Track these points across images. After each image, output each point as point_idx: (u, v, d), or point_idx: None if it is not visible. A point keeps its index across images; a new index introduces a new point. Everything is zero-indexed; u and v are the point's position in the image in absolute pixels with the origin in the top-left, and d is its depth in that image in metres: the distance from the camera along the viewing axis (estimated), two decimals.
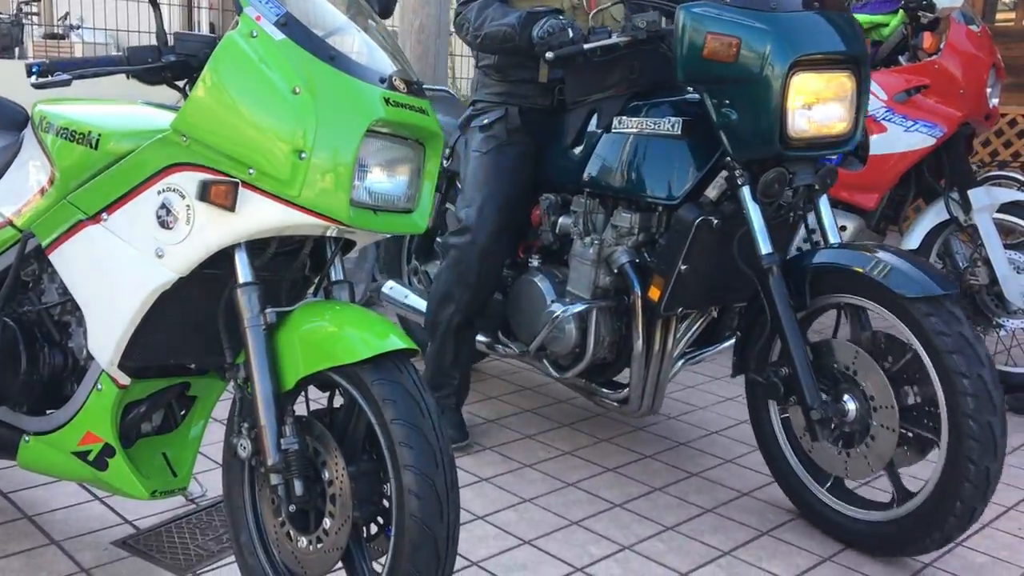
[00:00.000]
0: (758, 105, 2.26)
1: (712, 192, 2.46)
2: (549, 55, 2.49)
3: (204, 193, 1.64)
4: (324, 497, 1.71)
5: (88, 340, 1.87)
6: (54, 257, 1.91)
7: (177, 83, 1.82)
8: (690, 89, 2.53)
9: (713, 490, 2.77)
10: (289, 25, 1.63)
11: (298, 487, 1.69)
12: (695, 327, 2.75)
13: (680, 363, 2.79)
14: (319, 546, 1.74)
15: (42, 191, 1.97)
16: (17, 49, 9.82)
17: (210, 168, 1.66)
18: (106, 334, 1.81)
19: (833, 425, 2.35)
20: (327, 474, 1.71)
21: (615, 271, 2.62)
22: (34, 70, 1.71)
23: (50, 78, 1.71)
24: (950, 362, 2.13)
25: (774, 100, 2.24)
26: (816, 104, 2.29)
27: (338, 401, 1.78)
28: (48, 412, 2.05)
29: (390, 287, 3.51)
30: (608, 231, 2.63)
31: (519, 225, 2.88)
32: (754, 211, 2.40)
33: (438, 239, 3.31)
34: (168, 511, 2.42)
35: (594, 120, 2.71)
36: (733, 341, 2.70)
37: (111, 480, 1.94)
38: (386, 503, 1.71)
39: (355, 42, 1.78)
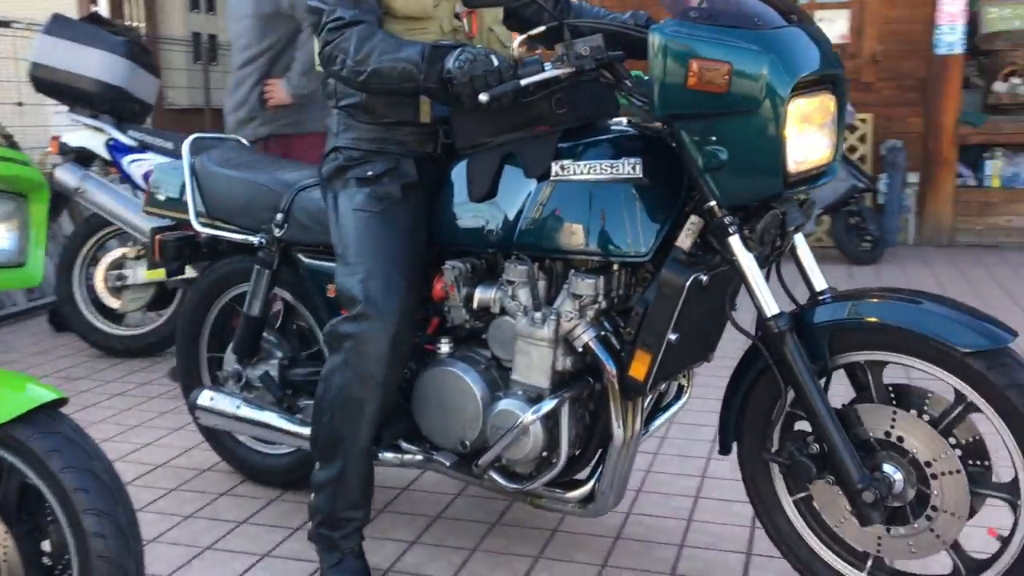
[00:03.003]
0: (758, 139, 1.89)
1: (685, 242, 2.04)
2: (484, 97, 1.97)
3: None
4: None
5: None
6: None
7: None
8: (623, 123, 2.17)
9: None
10: None
11: None
12: (651, 399, 2.32)
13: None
14: None
15: None
16: None
17: None
18: None
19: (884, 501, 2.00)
20: None
21: (579, 350, 2.13)
22: None
23: None
24: None
25: (777, 132, 1.87)
26: (807, 132, 1.94)
27: None
28: None
29: (210, 398, 2.73)
30: (565, 301, 2.13)
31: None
32: (750, 264, 2.00)
33: (265, 334, 2.75)
34: None
35: (511, 167, 2.18)
36: (675, 410, 2.45)
37: None
38: (47, 560, 1.67)
39: None
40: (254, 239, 2.65)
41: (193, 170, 2.78)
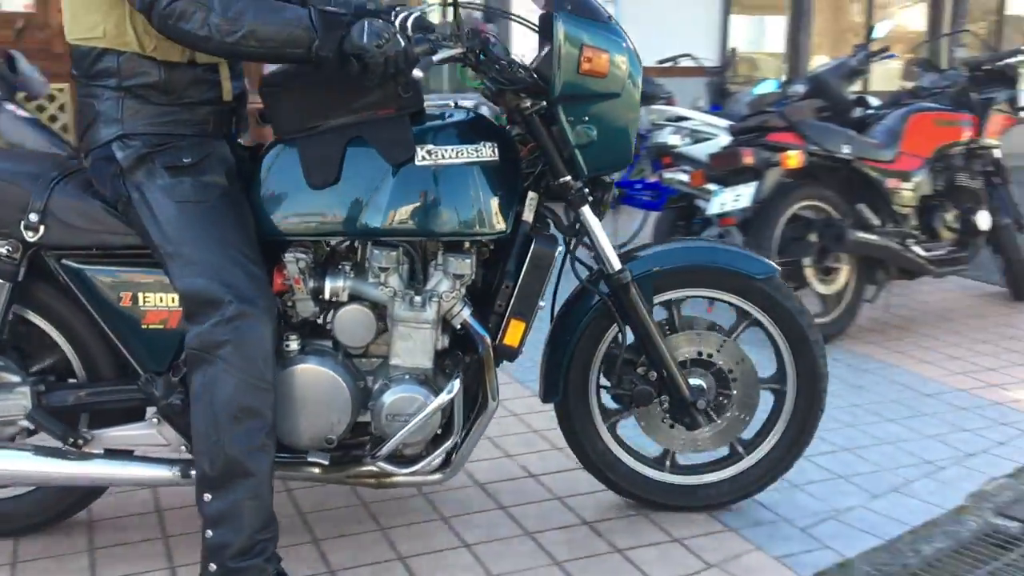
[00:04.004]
0: (622, 119, 2.19)
1: (529, 216, 2.25)
2: (419, 73, 1.97)
3: None
4: None
5: None
6: None
7: None
8: (452, 105, 2.29)
9: None
10: None
11: None
12: None
13: None
14: None
15: None
16: None
17: None
18: None
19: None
20: None
21: (457, 327, 2.22)
22: None
23: None
24: (802, 320, 2.45)
25: (633, 113, 2.21)
26: None
27: None
28: None
29: None
30: (442, 282, 2.18)
31: None
32: (599, 228, 2.30)
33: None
34: None
35: (357, 150, 2.11)
36: None
37: None
38: None
39: None
40: None
41: None
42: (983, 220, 4.43)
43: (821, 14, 10.24)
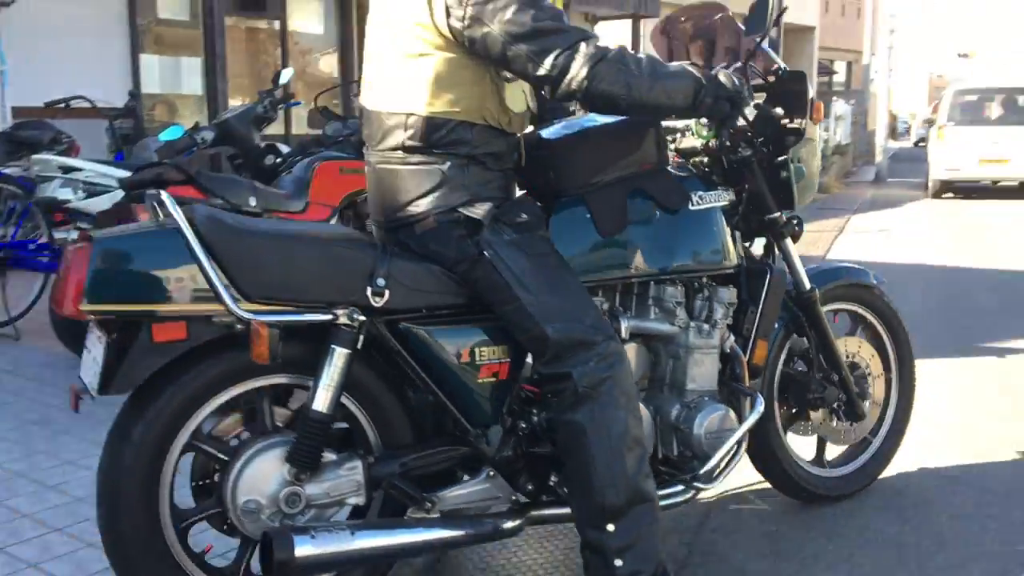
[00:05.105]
0: (817, 158, 2.66)
1: (741, 250, 2.57)
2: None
3: None
4: None
5: None
6: None
7: None
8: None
9: None
10: None
11: None
12: None
13: None
14: None
15: None
16: None
17: None
18: None
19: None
20: None
21: (727, 351, 2.49)
22: None
23: None
24: (900, 320, 3.01)
25: (819, 152, 2.66)
26: None
27: None
28: None
29: (312, 538, 1.99)
30: (717, 310, 2.46)
31: None
32: (796, 255, 2.71)
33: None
34: None
35: (639, 200, 2.36)
36: None
37: None
38: None
39: None
40: (328, 316, 2.06)
41: (202, 238, 1.98)
42: None
43: (237, 56, 10.15)
